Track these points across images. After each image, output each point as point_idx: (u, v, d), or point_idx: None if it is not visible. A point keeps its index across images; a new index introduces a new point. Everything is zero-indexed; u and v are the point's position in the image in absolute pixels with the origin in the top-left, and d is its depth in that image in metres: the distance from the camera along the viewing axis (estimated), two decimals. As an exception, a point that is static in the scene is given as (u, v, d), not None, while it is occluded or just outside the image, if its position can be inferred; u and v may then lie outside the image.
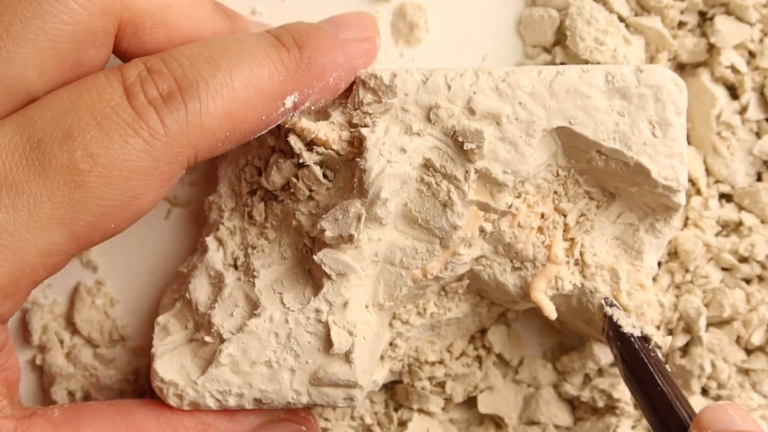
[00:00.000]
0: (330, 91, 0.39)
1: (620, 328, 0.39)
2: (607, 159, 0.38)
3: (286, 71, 0.37)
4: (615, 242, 0.41)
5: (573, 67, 0.38)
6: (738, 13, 0.44)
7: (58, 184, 0.34)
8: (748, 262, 0.45)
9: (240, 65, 0.36)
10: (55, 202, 0.34)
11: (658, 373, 0.37)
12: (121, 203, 0.35)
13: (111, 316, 0.47)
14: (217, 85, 0.35)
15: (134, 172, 0.35)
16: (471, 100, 0.38)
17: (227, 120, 0.36)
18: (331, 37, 0.39)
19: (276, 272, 0.40)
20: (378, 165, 0.38)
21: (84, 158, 0.34)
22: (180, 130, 0.35)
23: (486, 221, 0.39)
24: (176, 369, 0.40)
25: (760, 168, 0.45)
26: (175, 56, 0.36)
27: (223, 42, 0.37)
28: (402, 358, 0.45)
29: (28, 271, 0.35)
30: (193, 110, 0.35)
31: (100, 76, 0.36)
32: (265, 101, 0.37)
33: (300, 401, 0.39)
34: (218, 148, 0.37)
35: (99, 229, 0.35)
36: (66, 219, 0.34)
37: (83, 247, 0.36)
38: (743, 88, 0.45)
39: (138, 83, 0.35)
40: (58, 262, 0.35)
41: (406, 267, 0.39)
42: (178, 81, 0.35)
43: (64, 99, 0.35)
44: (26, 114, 0.35)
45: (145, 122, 0.34)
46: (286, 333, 0.39)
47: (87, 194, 0.34)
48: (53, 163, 0.34)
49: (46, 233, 0.34)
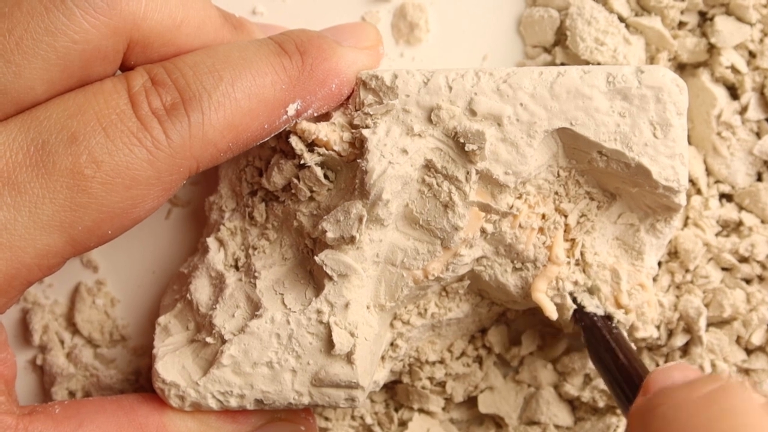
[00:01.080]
0: (333, 98, 0.39)
1: (584, 308, 0.41)
2: (608, 160, 0.38)
3: (289, 79, 0.37)
4: (616, 242, 0.42)
5: (574, 68, 0.38)
6: (738, 14, 0.44)
7: (61, 187, 0.34)
8: (748, 262, 0.45)
9: (242, 75, 0.36)
10: (57, 205, 0.34)
11: (619, 348, 0.39)
12: (121, 211, 0.35)
13: (112, 316, 0.47)
14: (219, 96, 0.36)
15: (136, 181, 0.35)
16: (472, 101, 0.38)
17: (230, 131, 0.36)
18: (333, 45, 0.39)
19: (277, 273, 0.40)
20: (379, 166, 0.38)
21: (88, 163, 0.34)
22: (183, 142, 0.35)
23: (487, 222, 0.39)
24: (178, 370, 0.40)
25: (761, 168, 0.45)
26: (179, 66, 0.36)
27: (225, 50, 0.37)
28: (403, 358, 0.45)
29: (23, 271, 0.35)
30: (196, 122, 0.35)
31: (106, 83, 0.36)
32: (267, 110, 0.37)
33: (301, 402, 0.39)
34: (220, 158, 0.37)
35: (96, 234, 0.35)
36: (66, 222, 0.34)
37: (79, 251, 0.36)
38: (743, 88, 0.45)
39: (143, 92, 0.35)
40: (54, 263, 0.36)
41: (408, 268, 0.39)
42: (181, 92, 0.35)
43: (70, 102, 0.35)
44: (32, 115, 0.35)
45: (149, 132, 0.35)
46: (287, 334, 0.39)
47: (89, 199, 0.34)
48: (57, 165, 0.34)
49: (45, 235, 0.34)
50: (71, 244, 0.35)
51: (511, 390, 0.46)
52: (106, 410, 0.39)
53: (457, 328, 0.45)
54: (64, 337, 0.47)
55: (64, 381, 0.47)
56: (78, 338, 0.47)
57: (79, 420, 0.38)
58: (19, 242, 0.34)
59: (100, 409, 0.39)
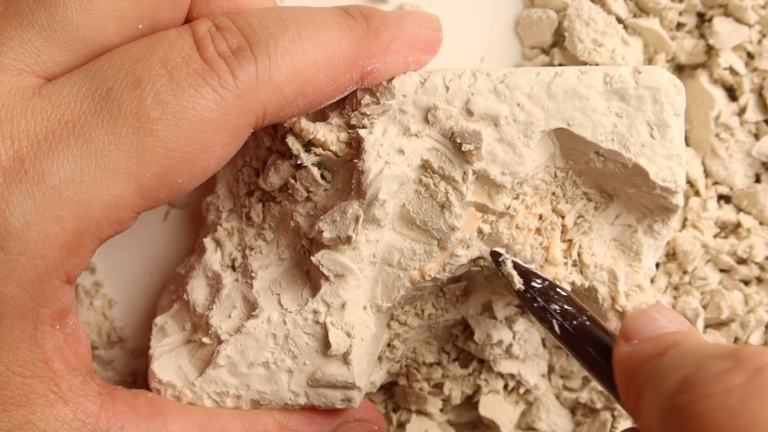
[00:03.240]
0: (397, 66, 0.38)
1: (529, 282, 0.38)
2: (606, 160, 0.38)
3: (354, 38, 0.37)
4: (613, 243, 0.41)
5: (571, 69, 0.38)
6: (736, 15, 0.44)
7: (127, 131, 0.33)
8: (746, 264, 0.44)
9: (308, 26, 0.36)
10: (123, 151, 0.33)
11: (573, 308, 0.36)
12: (189, 156, 0.34)
13: (109, 317, 0.47)
14: (286, 42, 0.35)
15: (203, 122, 0.34)
16: (469, 102, 0.38)
17: (296, 78, 0.35)
18: (396, 17, 0.39)
19: (274, 273, 0.40)
20: (376, 166, 0.38)
21: (154, 105, 0.33)
22: (250, 82, 0.35)
23: (484, 222, 0.39)
24: (174, 370, 0.40)
25: (759, 169, 0.45)
26: (244, 15, 0.36)
27: (290, 8, 0.37)
28: (400, 360, 0.45)
29: (92, 226, 0.34)
30: (263, 64, 0.35)
31: (171, 31, 0.36)
32: (332, 64, 0.36)
33: (298, 402, 0.39)
34: (286, 110, 0.36)
35: (165, 183, 0.34)
36: (133, 169, 0.33)
37: (149, 202, 0.35)
38: (742, 89, 0.45)
39: (208, 37, 0.35)
40: (124, 218, 0.34)
41: (404, 268, 0.39)
42: (247, 37, 0.35)
43: (134, 50, 0.35)
44: (96, 64, 0.35)
45: (215, 73, 0.34)
46: (283, 334, 0.39)
47: (155, 142, 0.33)
48: (122, 109, 0.33)
49: (112, 184, 0.33)
50: (140, 194, 0.34)
51: (512, 399, 0.46)
52: (190, 412, 0.38)
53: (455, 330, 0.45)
54: (61, 338, 0.47)
55: (62, 382, 0.47)
56: (75, 339, 0.47)
57: (163, 419, 0.37)
58: (86, 195, 0.33)
59: (184, 410, 0.38)
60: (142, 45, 0.35)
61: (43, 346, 0.34)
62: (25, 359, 0.34)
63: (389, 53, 0.38)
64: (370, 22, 0.38)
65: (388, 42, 0.38)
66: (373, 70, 0.38)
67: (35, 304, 0.34)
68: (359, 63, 0.37)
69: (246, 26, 0.36)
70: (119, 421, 0.36)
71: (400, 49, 0.38)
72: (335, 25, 0.37)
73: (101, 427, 0.35)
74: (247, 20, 0.36)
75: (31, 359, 0.34)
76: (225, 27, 0.35)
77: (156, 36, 0.35)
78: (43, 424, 0.34)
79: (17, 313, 0.33)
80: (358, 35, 0.37)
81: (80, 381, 0.35)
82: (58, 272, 0.34)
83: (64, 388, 0.35)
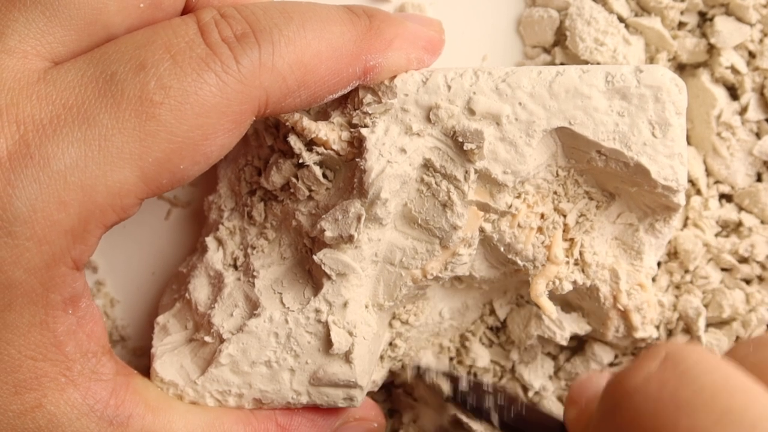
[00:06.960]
0: (399, 62, 0.39)
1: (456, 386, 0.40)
2: (607, 159, 0.38)
3: (357, 32, 0.37)
4: (615, 242, 0.41)
5: (573, 68, 0.38)
6: (738, 14, 0.44)
7: (130, 115, 0.33)
8: (747, 263, 0.44)
9: (312, 19, 0.36)
10: (126, 135, 0.33)
11: (505, 401, 0.39)
12: (192, 141, 0.34)
13: (111, 316, 0.47)
14: (290, 32, 0.36)
15: (206, 107, 0.34)
16: (471, 101, 0.38)
17: (299, 68, 0.36)
18: (398, 17, 0.39)
19: (276, 272, 0.40)
20: (378, 165, 0.38)
21: (157, 89, 0.33)
22: (253, 68, 0.35)
23: (486, 221, 0.39)
24: (176, 369, 0.40)
25: (760, 168, 0.45)
26: (249, 6, 0.36)
27: (294, 1, 0.37)
28: (402, 358, 0.45)
29: (97, 213, 0.34)
30: (266, 51, 0.35)
31: (175, 19, 0.36)
32: (335, 57, 0.37)
33: (300, 401, 0.39)
34: (288, 100, 0.36)
35: (168, 168, 0.34)
36: (136, 153, 0.33)
37: (152, 188, 0.35)
38: (743, 88, 0.45)
39: (212, 23, 0.35)
40: (128, 204, 0.34)
41: (406, 267, 0.39)
42: (251, 25, 0.35)
43: (138, 36, 0.35)
44: (101, 50, 0.35)
45: (218, 57, 0.34)
46: (285, 333, 0.39)
47: (158, 127, 0.34)
48: (126, 93, 0.33)
49: (115, 169, 0.33)
50: (143, 180, 0.34)
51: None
52: (195, 412, 0.38)
53: (455, 329, 0.45)
54: (63, 337, 0.47)
55: (64, 381, 0.47)
56: (77, 338, 0.47)
57: (169, 416, 0.37)
58: (90, 180, 0.33)
59: (189, 409, 0.38)
60: (147, 31, 0.35)
61: (54, 331, 0.34)
62: (37, 343, 0.34)
63: (392, 49, 0.38)
64: (373, 20, 0.38)
65: (390, 38, 0.38)
66: (376, 65, 0.38)
67: (45, 290, 0.34)
68: (362, 57, 0.37)
69: (251, 15, 0.36)
70: (127, 410, 0.36)
71: (403, 45, 0.38)
72: (339, 19, 0.37)
73: (108, 414, 0.35)
74: (251, 10, 0.36)
75: (42, 343, 0.34)
76: (230, 15, 0.36)
77: (160, 24, 0.36)
78: (53, 407, 0.34)
79: (27, 298, 0.33)
80: (361, 30, 0.37)
81: (93, 364, 0.36)
82: (65, 258, 0.34)
83: (76, 372, 0.35)
